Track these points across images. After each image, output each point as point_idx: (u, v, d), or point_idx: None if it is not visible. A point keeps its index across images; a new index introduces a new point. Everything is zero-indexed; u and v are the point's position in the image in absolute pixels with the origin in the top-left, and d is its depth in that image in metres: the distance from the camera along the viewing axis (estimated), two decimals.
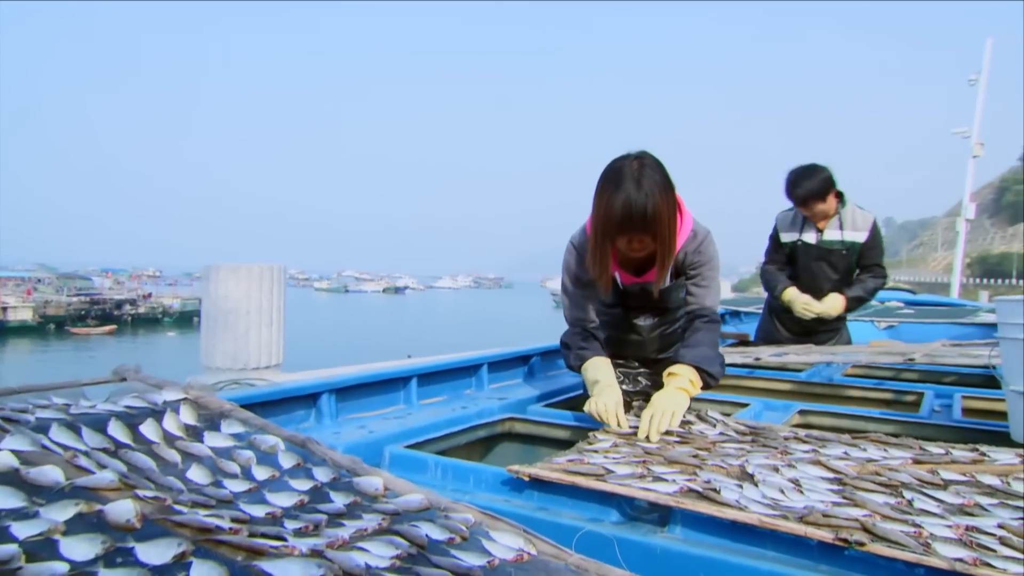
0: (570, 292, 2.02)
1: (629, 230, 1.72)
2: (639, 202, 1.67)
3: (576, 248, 1.97)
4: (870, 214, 3.28)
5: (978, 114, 17.19)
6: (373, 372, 1.98)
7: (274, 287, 3.94)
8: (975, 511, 1.14)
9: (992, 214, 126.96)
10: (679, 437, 1.64)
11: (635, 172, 1.70)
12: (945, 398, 2.38)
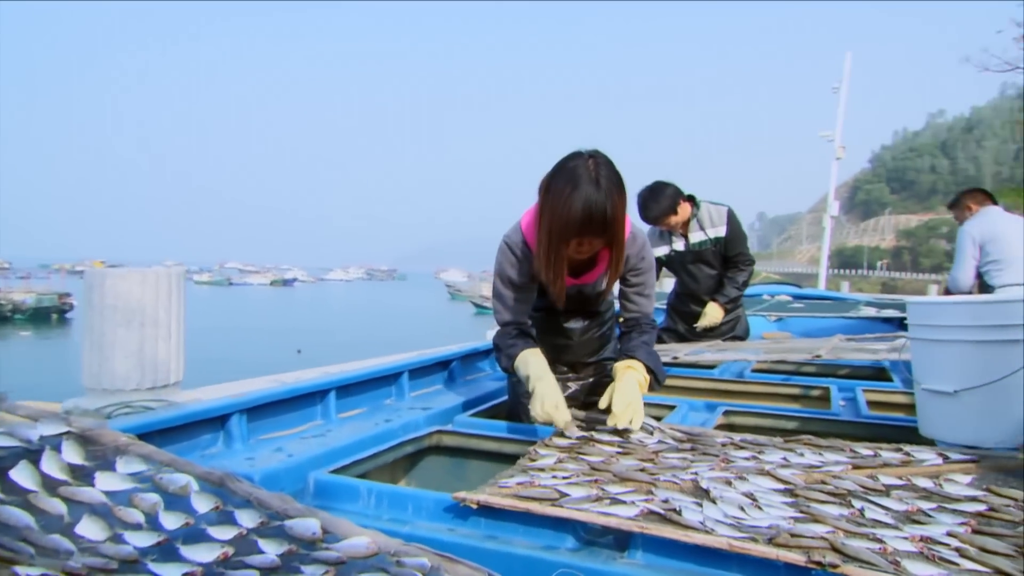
0: (503, 295, 1.90)
1: (588, 232, 1.65)
2: (600, 203, 1.61)
3: (513, 249, 1.86)
4: (724, 206, 3.44)
5: (840, 120, 18.72)
6: (287, 387, 1.81)
7: (173, 293, 3.44)
8: (921, 518, 1.16)
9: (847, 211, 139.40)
10: (620, 448, 1.60)
11: (592, 171, 1.63)
12: (847, 391, 2.51)
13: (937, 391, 1.74)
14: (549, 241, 1.69)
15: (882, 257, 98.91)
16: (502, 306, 1.91)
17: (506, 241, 1.89)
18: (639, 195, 3.28)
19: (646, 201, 3.25)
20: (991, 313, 1.67)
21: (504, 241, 1.89)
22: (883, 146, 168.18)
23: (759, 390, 2.69)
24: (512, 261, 1.86)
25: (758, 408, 2.19)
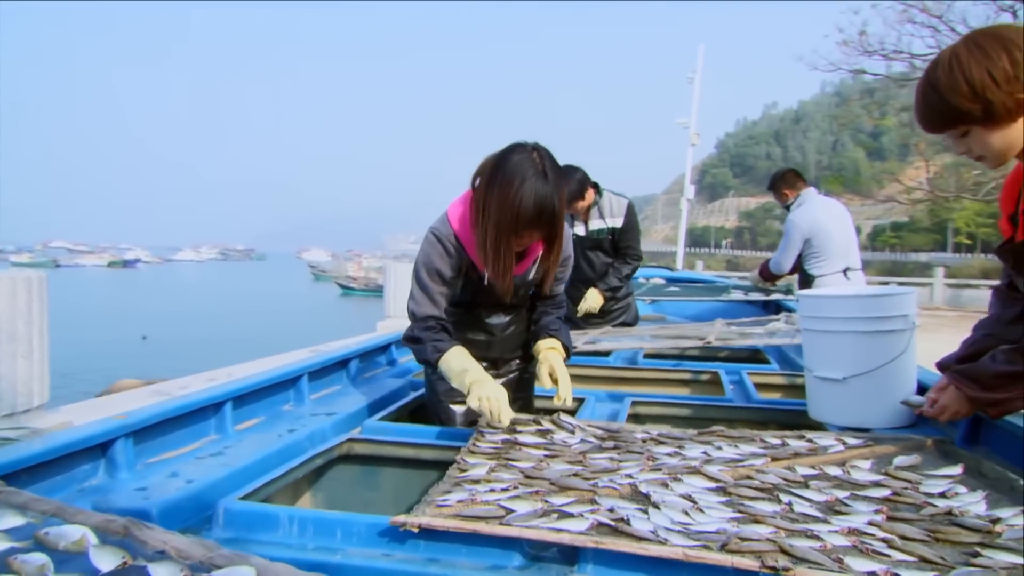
0: (429, 288, 1.83)
1: (537, 226, 1.65)
2: (549, 197, 1.61)
3: (443, 241, 1.81)
4: (624, 199, 3.58)
5: (695, 108, 19.97)
6: (179, 402, 1.61)
7: (34, 301, 2.91)
8: (841, 508, 1.24)
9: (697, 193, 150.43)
10: (547, 451, 1.59)
11: (539, 165, 1.63)
12: (733, 374, 2.66)
13: (827, 378, 1.88)
14: (497, 235, 1.66)
15: (726, 236, 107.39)
16: (426, 299, 1.84)
17: (435, 233, 1.82)
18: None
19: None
20: (874, 306, 1.83)
21: (432, 233, 1.83)
22: (727, 133, 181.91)
23: (654, 376, 2.79)
24: (442, 253, 1.81)
25: (663, 398, 2.27)
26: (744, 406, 2.17)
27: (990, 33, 1.37)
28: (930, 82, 1.40)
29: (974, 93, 1.33)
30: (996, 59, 1.32)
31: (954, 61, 1.36)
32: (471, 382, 1.72)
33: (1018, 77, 1.31)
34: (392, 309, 3.41)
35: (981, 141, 1.40)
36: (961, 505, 1.22)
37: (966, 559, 1.03)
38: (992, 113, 1.34)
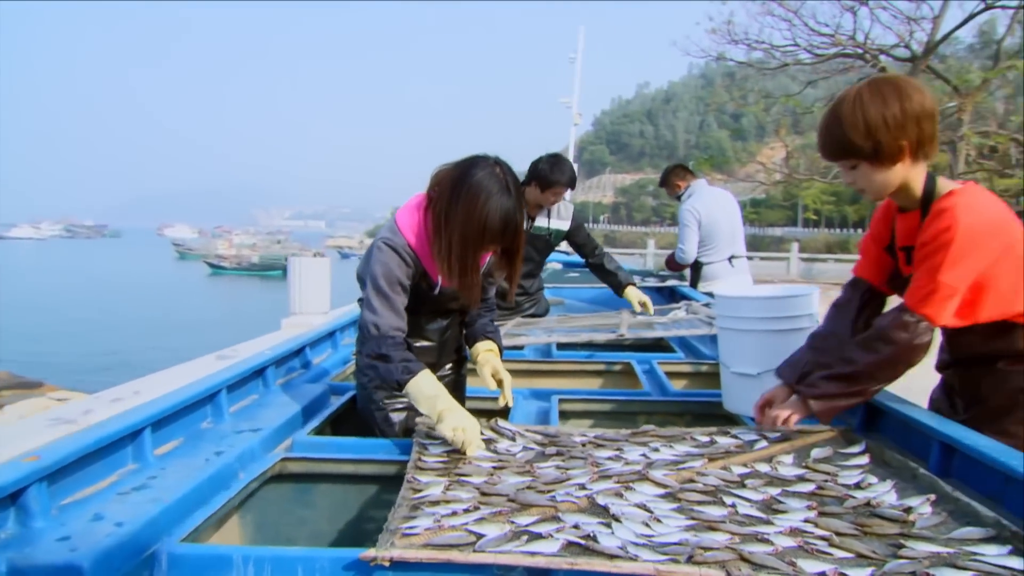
0: (391, 298, 1.80)
1: (501, 240, 1.68)
2: (513, 212, 1.65)
3: (399, 252, 1.80)
4: (571, 204, 3.65)
5: (576, 87, 20.45)
6: (94, 435, 1.46)
7: None
8: (777, 506, 1.35)
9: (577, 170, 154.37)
10: (493, 462, 1.60)
11: (503, 180, 1.65)
12: (644, 364, 2.80)
13: (742, 373, 2.02)
14: (464, 249, 1.66)
15: (604, 212, 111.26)
16: (390, 311, 1.80)
17: (388, 244, 1.80)
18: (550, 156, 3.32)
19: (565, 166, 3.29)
20: (785, 306, 1.98)
21: (386, 244, 1.80)
22: (603, 111, 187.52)
23: (570, 368, 2.87)
24: (400, 263, 1.80)
25: (587, 394, 2.35)
26: (662, 399, 2.29)
27: (891, 81, 1.54)
28: (836, 115, 1.55)
29: (868, 132, 1.51)
30: (891, 105, 1.50)
31: (858, 100, 1.52)
32: (442, 409, 1.70)
33: (904, 125, 1.50)
34: (298, 306, 3.27)
35: (866, 176, 1.58)
36: (876, 496, 1.37)
37: (893, 551, 1.16)
38: (879, 152, 1.52)
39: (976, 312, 1.55)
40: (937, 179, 1.60)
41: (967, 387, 1.69)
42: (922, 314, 1.52)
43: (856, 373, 1.59)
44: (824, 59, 18.46)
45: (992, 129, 16.25)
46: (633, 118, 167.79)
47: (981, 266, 1.50)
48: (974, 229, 1.48)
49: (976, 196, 1.54)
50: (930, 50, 17.21)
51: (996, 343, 1.59)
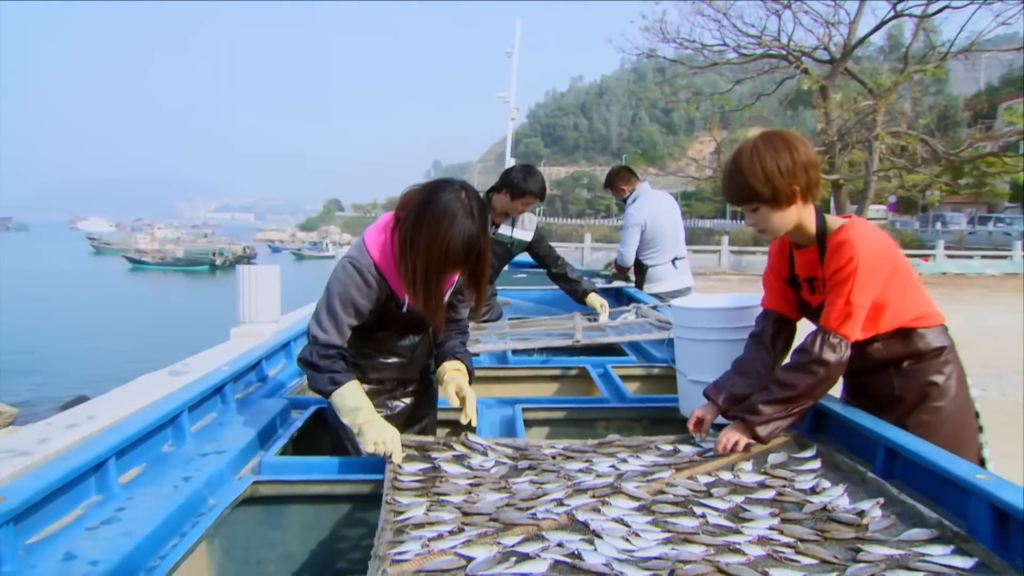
0: (340, 318, 1.83)
1: (466, 265, 1.70)
2: (476, 237, 1.67)
3: (363, 272, 1.80)
4: (535, 216, 3.71)
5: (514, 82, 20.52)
6: (60, 469, 1.40)
7: None
8: (743, 514, 1.44)
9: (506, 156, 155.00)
10: (469, 479, 1.63)
11: (467, 204, 1.67)
12: (599, 368, 2.88)
13: (698, 380, 2.12)
14: (427, 272, 1.68)
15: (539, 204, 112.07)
16: (334, 329, 1.83)
17: (353, 264, 1.80)
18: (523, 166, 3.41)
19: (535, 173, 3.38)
20: (736, 317, 2.08)
21: (351, 264, 1.81)
22: (537, 103, 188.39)
23: (527, 374, 2.93)
24: (360, 285, 1.80)
25: (549, 402, 2.40)
26: (621, 406, 2.37)
27: (781, 135, 1.76)
28: (737, 165, 1.75)
29: (766, 179, 1.70)
30: (783, 155, 1.70)
31: (755, 151, 1.72)
32: (362, 422, 1.75)
33: (795, 172, 1.71)
34: (247, 314, 3.18)
35: (765, 218, 1.77)
36: (831, 500, 1.48)
37: (851, 555, 1.26)
38: (776, 197, 1.72)
39: (877, 325, 1.78)
40: (826, 217, 1.81)
41: (882, 388, 1.87)
42: (842, 334, 1.71)
43: (796, 396, 1.74)
44: (751, 59, 19.17)
45: (903, 130, 17.26)
46: (567, 111, 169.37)
47: (878, 287, 1.72)
48: (871, 256, 1.69)
49: (864, 228, 1.75)
50: (847, 53, 18.15)
51: (898, 348, 1.82)
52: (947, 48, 17.71)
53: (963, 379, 1.86)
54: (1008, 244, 25.99)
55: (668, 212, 4.58)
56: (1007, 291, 16.48)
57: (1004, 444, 4.59)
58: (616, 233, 72.68)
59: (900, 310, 1.78)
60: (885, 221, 42.03)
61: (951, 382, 1.82)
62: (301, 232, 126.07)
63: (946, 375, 1.81)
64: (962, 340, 5.02)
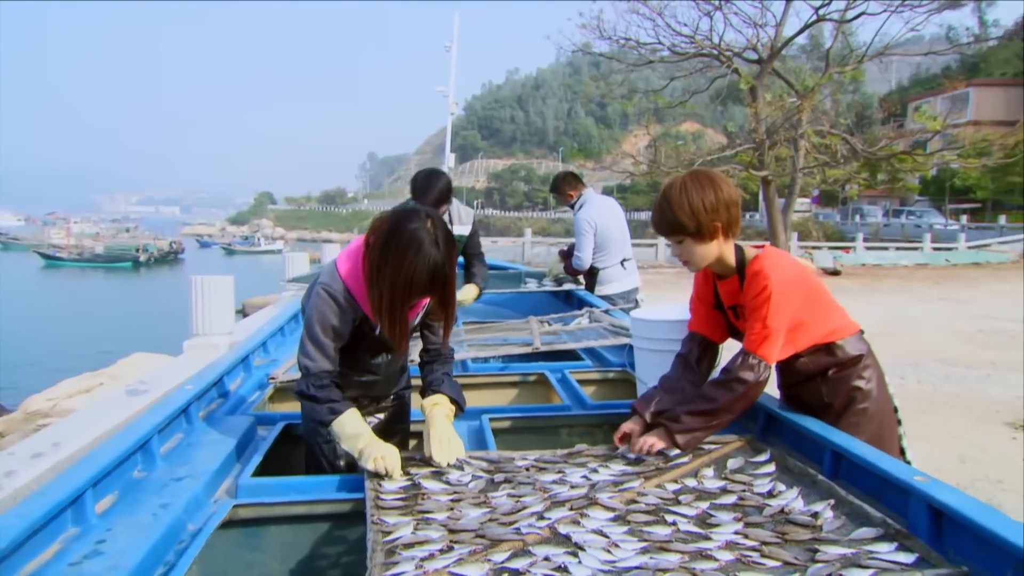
0: (324, 344, 1.87)
1: (431, 293, 1.74)
2: (441, 265, 1.71)
3: (336, 298, 1.84)
4: (471, 209, 3.75)
5: (453, 77, 20.42)
6: (40, 506, 1.38)
7: None
8: (710, 520, 1.55)
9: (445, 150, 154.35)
10: (449, 495, 1.69)
11: (432, 233, 1.70)
12: (557, 373, 2.97)
13: None
14: (392, 301, 1.71)
15: (477, 197, 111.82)
16: (322, 355, 1.87)
17: (327, 290, 1.84)
18: (423, 175, 3.36)
19: (432, 182, 3.32)
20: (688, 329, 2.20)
21: (324, 290, 1.84)
22: (474, 95, 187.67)
23: (487, 381, 2.99)
24: (335, 310, 1.84)
25: (514, 411, 2.47)
26: (583, 413, 2.47)
27: (707, 174, 1.91)
28: (666, 198, 1.89)
29: (692, 214, 1.85)
30: (708, 193, 1.86)
31: (683, 187, 1.87)
32: (363, 447, 1.80)
33: (718, 209, 1.86)
34: (200, 327, 3.11)
35: (689, 250, 1.92)
36: (787, 503, 1.61)
37: (810, 556, 1.38)
38: (700, 231, 1.87)
39: (797, 344, 1.96)
40: (744, 248, 1.96)
41: (812, 397, 2.05)
42: (760, 356, 1.85)
43: (715, 409, 1.88)
44: (685, 57, 19.70)
45: (826, 129, 18.13)
46: (504, 103, 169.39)
47: (794, 310, 1.88)
48: (783, 284, 1.85)
49: (777, 257, 1.92)
50: (774, 54, 18.87)
51: (822, 360, 2.00)
52: (864, 51, 18.75)
53: (882, 379, 2.05)
54: (919, 236, 27.74)
55: (614, 216, 4.73)
56: (919, 280, 17.61)
57: (921, 429, 4.97)
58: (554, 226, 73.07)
59: (816, 328, 1.95)
60: (809, 213, 44.08)
61: (872, 384, 2.00)
62: (231, 226, 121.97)
63: (867, 379, 2.00)
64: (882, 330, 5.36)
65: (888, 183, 27.80)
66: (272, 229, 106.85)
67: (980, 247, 25.16)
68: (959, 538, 1.38)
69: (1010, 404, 5.87)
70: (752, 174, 19.24)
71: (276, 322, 3.46)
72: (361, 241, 1.87)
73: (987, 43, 34.15)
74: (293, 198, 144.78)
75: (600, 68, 24.36)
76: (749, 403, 1.91)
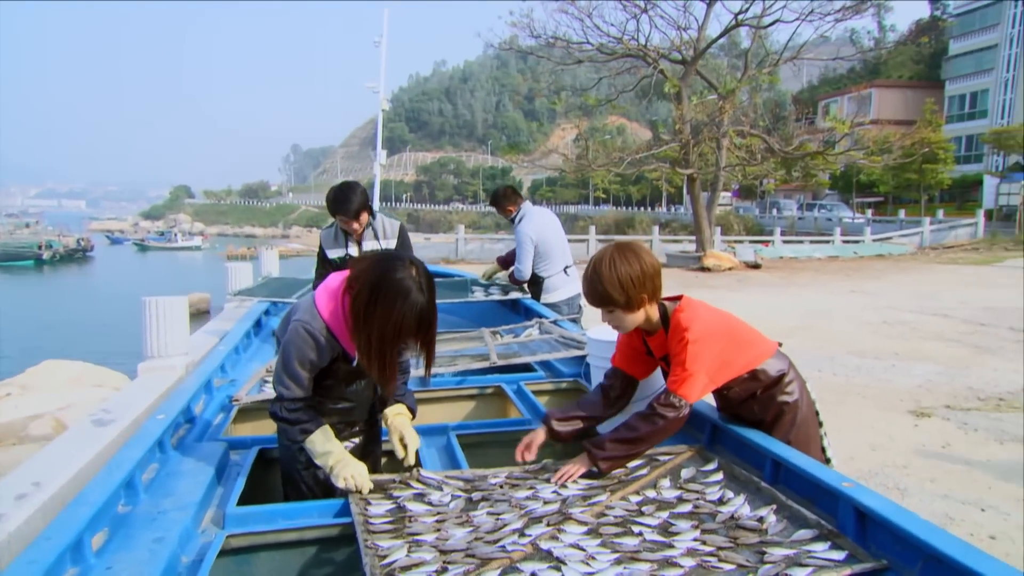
0: (300, 376, 2.00)
1: (417, 336, 1.86)
2: (428, 312, 1.84)
3: (316, 336, 1.96)
4: (396, 221, 3.84)
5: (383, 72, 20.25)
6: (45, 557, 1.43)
7: None
8: (671, 528, 1.74)
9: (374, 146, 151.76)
10: (433, 516, 1.82)
11: (417, 281, 1.82)
12: (512, 384, 3.13)
13: None
14: (383, 346, 1.83)
15: (406, 191, 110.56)
16: (296, 385, 2.00)
17: (306, 328, 1.95)
18: (333, 191, 3.41)
19: (347, 195, 3.38)
20: None
21: (304, 328, 1.95)
22: (401, 87, 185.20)
23: (446, 394, 3.12)
24: (314, 346, 1.96)
25: (479, 427, 2.62)
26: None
27: (631, 247, 2.10)
28: (596, 272, 2.07)
29: (621, 288, 2.04)
30: (633, 266, 2.05)
31: (611, 263, 2.06)
32: (333, 464, 1.97)
33: (644, 282, 2.06)
34: (154, 349, 3.07)
35: (620, 318, 2.11)
36: (735, 509, 1.82)
37: (759, 558, 1.59)
38: (629, 302, 2.07)
39: (726, 377, 2.16)
40: (665, 304, 2.16)
41: (747, 414, 2.28)
42: (680, 395, 2.04)
43: (637, 438, 2.06)
44: (613, 57, 20.21)
45: (747, 129, 19.04)
46: (432, 96, 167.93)
47: (716, 353, 2.09)
48: (701, 332, 2.06)
49: (694, 308, 2.13)
50: (697, 56, 19.62)
51: (750, 385, 2.22)
52: (779, 55, 19.82)
53: (803, 387, 2.29)
54: (830, 229, 29.44)
55: (553, 226, 4.94)
56: (831, 273, 18.77)
57: (836, 420, 5.41)
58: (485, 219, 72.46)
59: (739, 362, 2.16)
60: (731, 207, 45.95)
61: (795, 396, 2.25)
62: (145, 221, 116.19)
63: (790, 392, 2.25)
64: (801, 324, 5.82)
65: (802, 179, 29.41)
66: (191, 224, 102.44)
67: (883, 240, 26.97)
68: (880, 536, 1.62)
69: (912, 393, 6.45)
70: (678, 172, 19.98)
71: (230, 340, 3.46)
72: (340, 282, 1.97)
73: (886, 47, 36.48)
74: (213, 192, 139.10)
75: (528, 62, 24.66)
76: (667, 435, 2.09)
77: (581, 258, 8.16)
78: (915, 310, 11.57)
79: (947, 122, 42.54)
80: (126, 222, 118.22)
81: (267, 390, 2.99)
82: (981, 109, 45.00)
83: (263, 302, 4.56)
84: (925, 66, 50.55)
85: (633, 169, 20.34)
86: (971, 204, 36.32)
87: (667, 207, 60.01)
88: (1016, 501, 4.07)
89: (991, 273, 17.94)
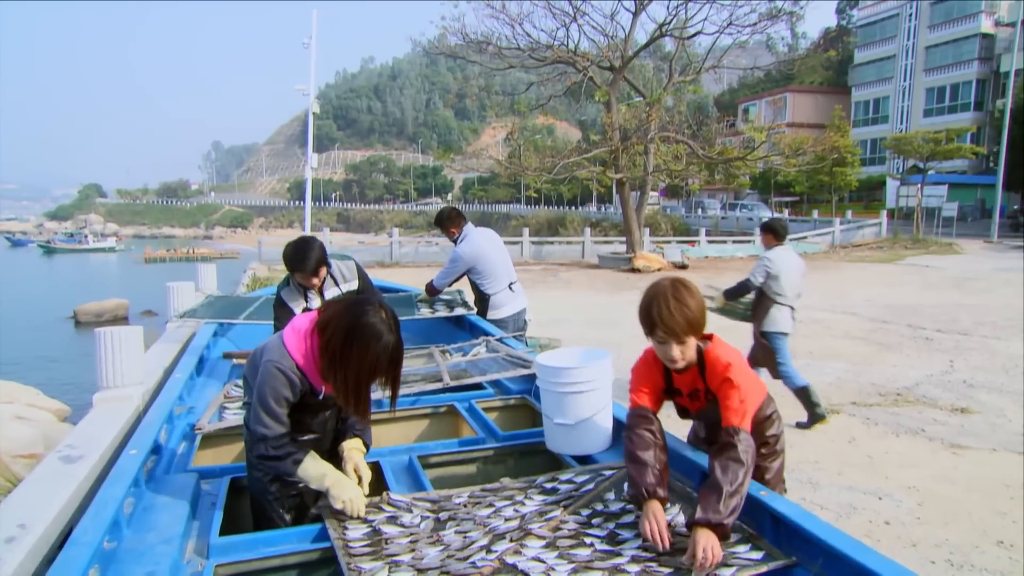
0: (278, 413, 2.14)
1: (388, 374, 2.05)
2: (398, 349, 2.04)
3: (287, 374, 2.11)
4: (349, 259, 3.88)
5: (313, 74, 19.98)
6: None
7: None
8: (617, 537, 2.00)
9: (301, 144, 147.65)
10: (407, 537, 2.01)
11: (387, 322, 2.01)
12: (464, 403, 3.34)
13: (563, 423, 2.67)
14: (359, 384, 2.02)
15: (335, 189, 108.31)
16: (276, 422, 2.15)
17: (278, 367, 2.10)
18: (290, 248, 3.36)
19: (305, 253, 3.33)
20: (592, 372, 2.66)
21: (276, 368, 2.11)
22: (327, 84, 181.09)
23: (402, 414, 3.30)
24: (286, 384, 2.12)
25: (439, 448, 2.81)
26: (495, 445, 2.86)
27: (686, 284, 2.13)
28: (680, 302, 2.06)
29: (701, 318, 2.10)
30: (699, 300, 2.11)
31: (688, 293, 2.09)
32: (330, 484, 2.14)
33: (705, 316, 2.12)
34: (110, 379, 3.07)
35: (690, 348, 2.11)
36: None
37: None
38: (699, 334, 2.14)
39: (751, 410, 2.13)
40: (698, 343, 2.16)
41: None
42: (742, 427, 2.08)
43: (742, 486, 2.01)
44: (545, 63, 20.63)
45: (673, 136, 19.84)
46: (360, 93, 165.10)
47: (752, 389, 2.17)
48: (740, 368, 2.16)
49: (722, 345, 2.20)
50: (624, 64, 20.27)
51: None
52: (700, 64, 20.75)
53: (780, 420, 2.65)
54: (751, 228, 30.92)
55: (495, 244, 5.17)
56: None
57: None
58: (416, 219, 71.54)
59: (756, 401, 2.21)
60: (658, 206, 47.43)
61: (777, 430, 2.61)
62: (51, 222, 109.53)
63: (774, 429, 2.60)
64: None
65: (724, 180, 30.75)
66: (103, 225, 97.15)
67: (799, 239, 28.54)
68: (790, 537, 1.92)
69: (824, 391, 7.01)
70: (608, 176, 20.60)
71: (184, 368, 3.52)
72: (308, 323, 2.14)
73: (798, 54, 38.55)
74: (127, 191, 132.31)
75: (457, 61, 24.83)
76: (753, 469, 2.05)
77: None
78: (827, 309, 12.43)
79: (854, 126, 45.46)
80: (28, 223, 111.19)
81: (227, 417, 3.09)
82: (883, 114, 48.29)
83: (210, 323, 4.59)
84: (834, 72, 53.61)
85: (566, 174, 20.81)
86: (876, 204, 38.91)
87: (597, 206, 61.28)
88: (908, 489, 4.59)
89: (893, 271, 19.34)
